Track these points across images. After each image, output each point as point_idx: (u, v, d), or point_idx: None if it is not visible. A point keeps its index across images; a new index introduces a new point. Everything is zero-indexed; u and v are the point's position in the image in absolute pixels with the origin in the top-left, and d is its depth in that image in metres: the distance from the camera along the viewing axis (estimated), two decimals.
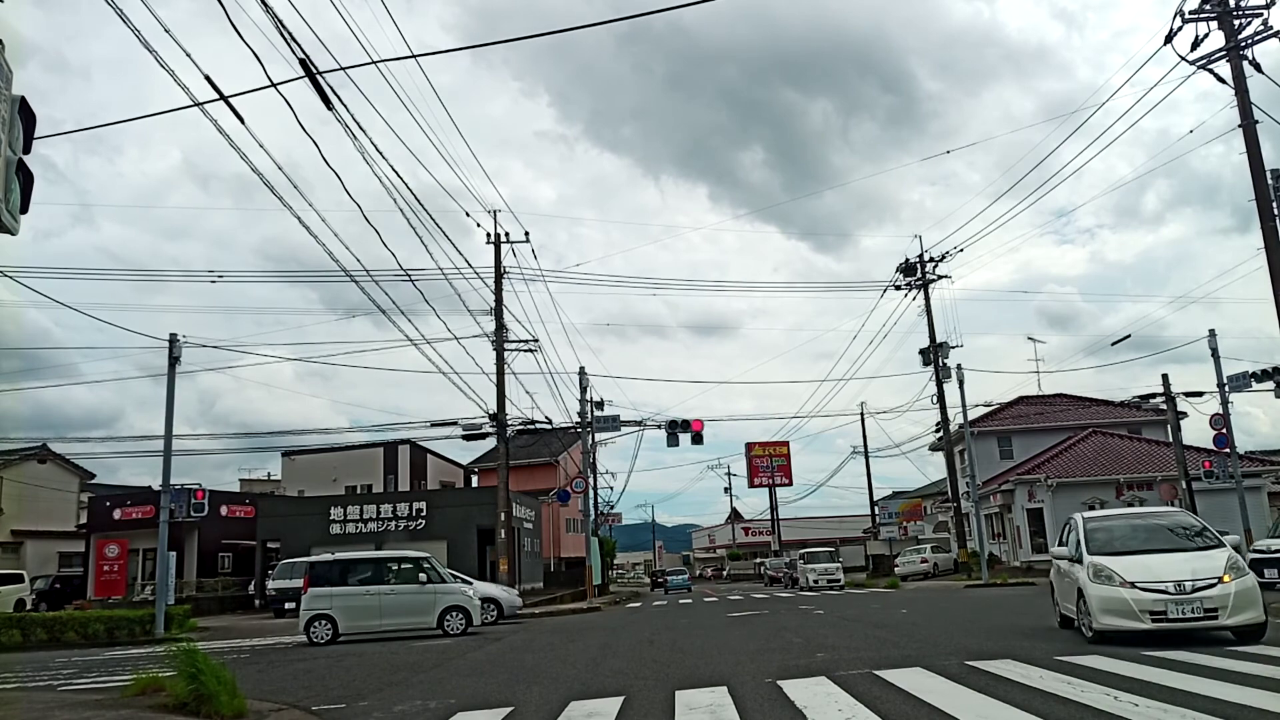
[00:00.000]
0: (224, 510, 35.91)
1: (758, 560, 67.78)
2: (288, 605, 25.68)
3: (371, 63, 11.36)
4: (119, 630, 19.32)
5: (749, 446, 64.17)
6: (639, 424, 34.35)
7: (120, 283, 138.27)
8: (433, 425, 30.26)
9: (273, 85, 10.43)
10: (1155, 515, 11.02)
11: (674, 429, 31.35)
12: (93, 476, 44.44)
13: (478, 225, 28.36)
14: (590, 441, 35.98)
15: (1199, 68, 17.41)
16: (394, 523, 32.71)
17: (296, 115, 11.24)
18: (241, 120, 10.77)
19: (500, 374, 27.80)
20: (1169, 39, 17.52)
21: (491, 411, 27.60)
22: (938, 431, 37.79)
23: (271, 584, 29.25)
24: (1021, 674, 7.39)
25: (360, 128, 14.56)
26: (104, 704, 8.03)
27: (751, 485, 65.04)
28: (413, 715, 7.33)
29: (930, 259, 34.93)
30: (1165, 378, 30.49)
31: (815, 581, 34.39)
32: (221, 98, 10.16)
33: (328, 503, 34.48)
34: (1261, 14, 17.02)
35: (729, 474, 74.72)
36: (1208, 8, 17.25)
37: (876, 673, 7.96)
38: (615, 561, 67.29)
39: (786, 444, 64.35)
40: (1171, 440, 32.69)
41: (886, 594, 27.06)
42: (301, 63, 10.44)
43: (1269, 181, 17.12)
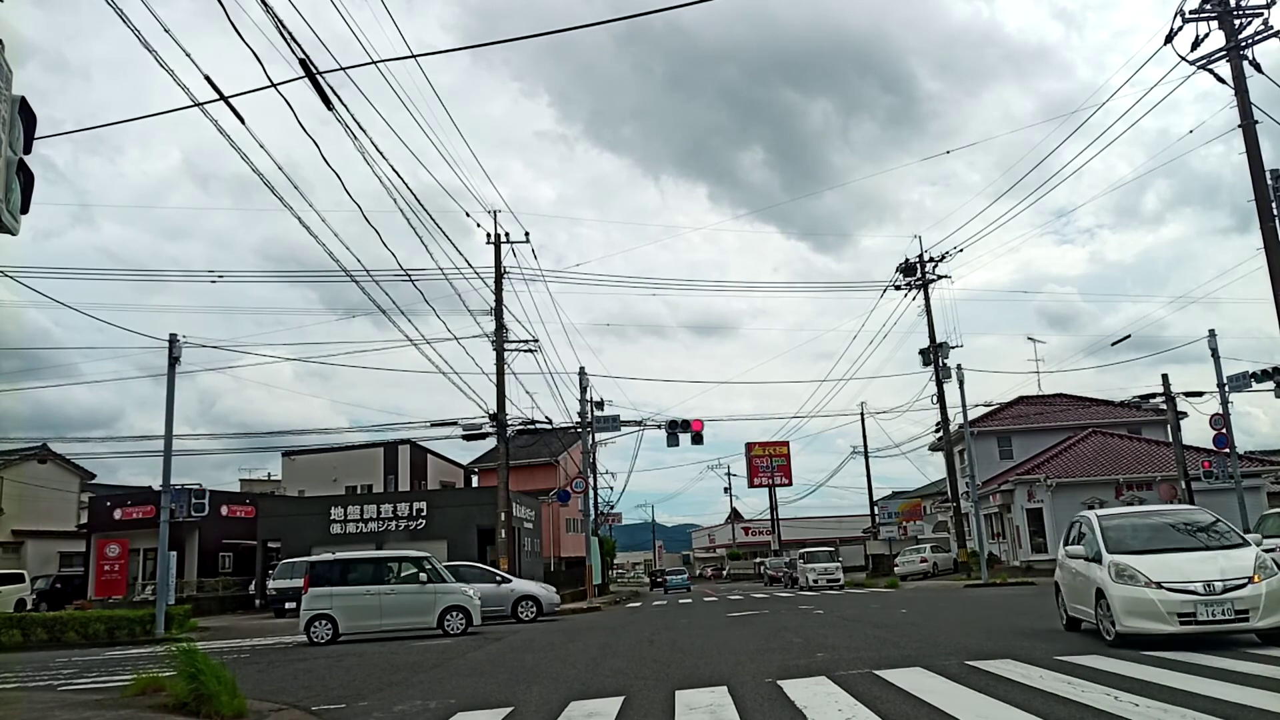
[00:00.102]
0: (224, 510, 35.92)
1: (758, 560, 67.80)
2: (288, 605, 25.69)
3: (371, 63, 11.37)
4: (119, 630, 19.33)
5: (749, 446, 64.21)
6: (639, 424, 34.40)
7: (120, 283, 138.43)
8: (433, 425, 30.32)
9: (273, 85, 10.44)
10: (1172, 513, 10.55)
11: (674, 429, 31.38)
12: (93, 476, 44.46)
13: (478, 225, 28.40)
14: (590, 441, 35.99)
15: (1199, 68, 17.42)
16: (394, 523, 32.72)
17: (296, 115, 11.25)
18: (241, 120, 10.78)
19: (500, 374, 27.82)
20: (1169, 39, 17.53)
21: (491, 411, 27.62)
22: (937, 431, 37.80)
23: (272, 584, 29.27)
24: (1021, 674, 7.39)
25: (360, 128, 14.58)
26: (104, 704, 8.03)
27: (751, 485, 65.15)
28: (413, 715, 7.34)
29: (930, 259, 34.95)
30: (1165, 378, 30.53)
31: (815, 581, 34.40)
32: (221, 98, 10.17)
33: (328, 503, 34.48)
34: (1261, 14, 17.05)
35: (729, 474, 74.86)
36: (1208, 8, 17.27)
37: (876, 672, 7.96)
38: (615, 561, 67.28)
39: (786, 444, 64.44)
40: (1171, 440, 32.71)
41: (886, 594, 27.06)
42: (301, 63, 10.44)
43: (1269, 181, 17.15)
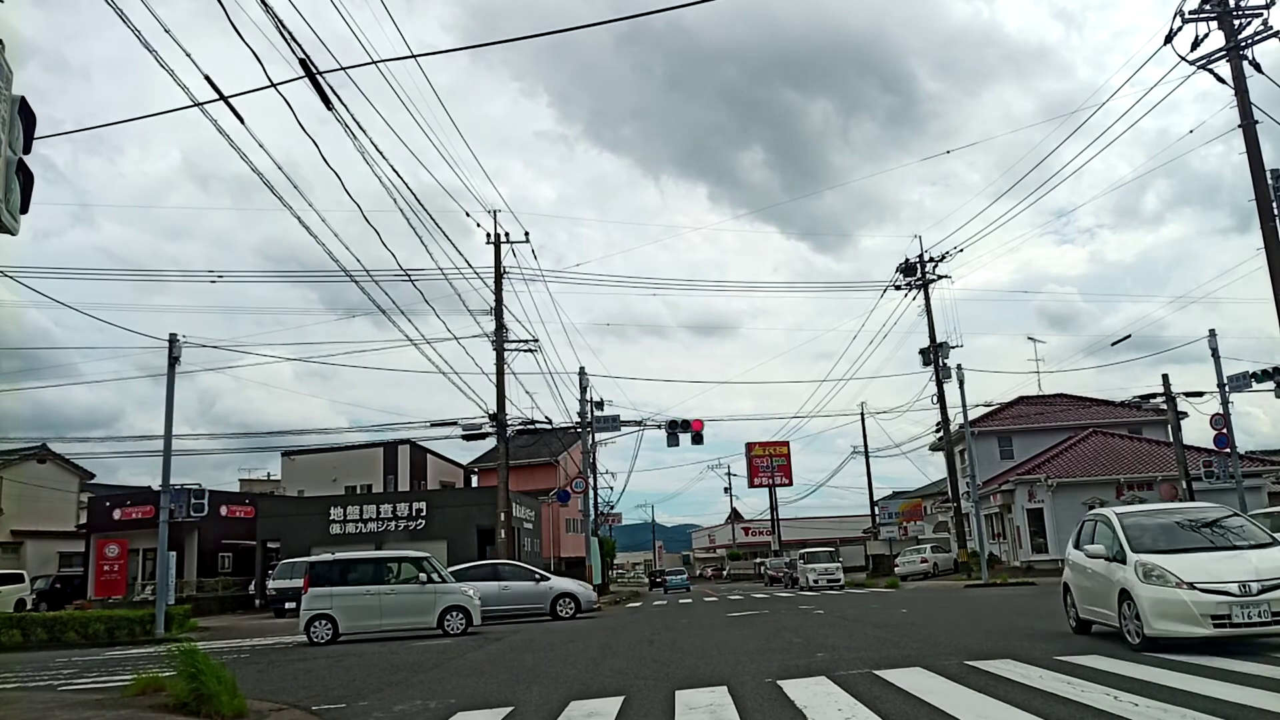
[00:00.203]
0: (224, 510, 35.91)
1: (758, 560, 67.80)
2: (288, 605, 25.70)
3: (371, 63, 11.37)
4: (119, 630, 19.32)
5: (749, 446, 64.23)
6: (639, 424, 34.41)
7: (120, 283, 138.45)
8: (433, 425, 30.34)
9: (273, 85, 10.44)
10: (1193, 511, 10.16)
11: (674, 429, 31.39)
12: (93, 476, 44.47)
13: (478, 225, 28.42)
14: (590, 441, 36.00)
15: (1199, 68, 17.43)
16: (394, 523, 32.74)
17: (296, 115, 11.25)
18: (241, 120, 10.78)
19: (500, 374, 27.82)
20: (1169, 39, 17.54)
21: (491, 411, 27.62)
22: (938, 431, 37.80)
23: (272, 584, 29.27)
24: (1021, 674, 7.39)
25: (360, 128, 14.59)
26: (104, 704, 8.03)
27: (751, 485, 65.20)
28: (413, 715, 7.33)
29: (930, 259, 34.97)
30: (1165, 378, 30.52)
31: (815, 581, 34.39)
32: (221, 98, 10.17)
33: (328, 503, 34.51)
34: (1261, 14, 17.07)
35: (729, 474, 74.90)
36: (1208, 8, 17.27)
37: (876, 672, 7.96)
38: (615, 561, 67.29)
39: (786, 444, 64.46)
40: (1172, 440, 32.71)
41: (886, 594, 27.05)
42: (301, 63, 10.44)
43: (1269, 181, 17.15)
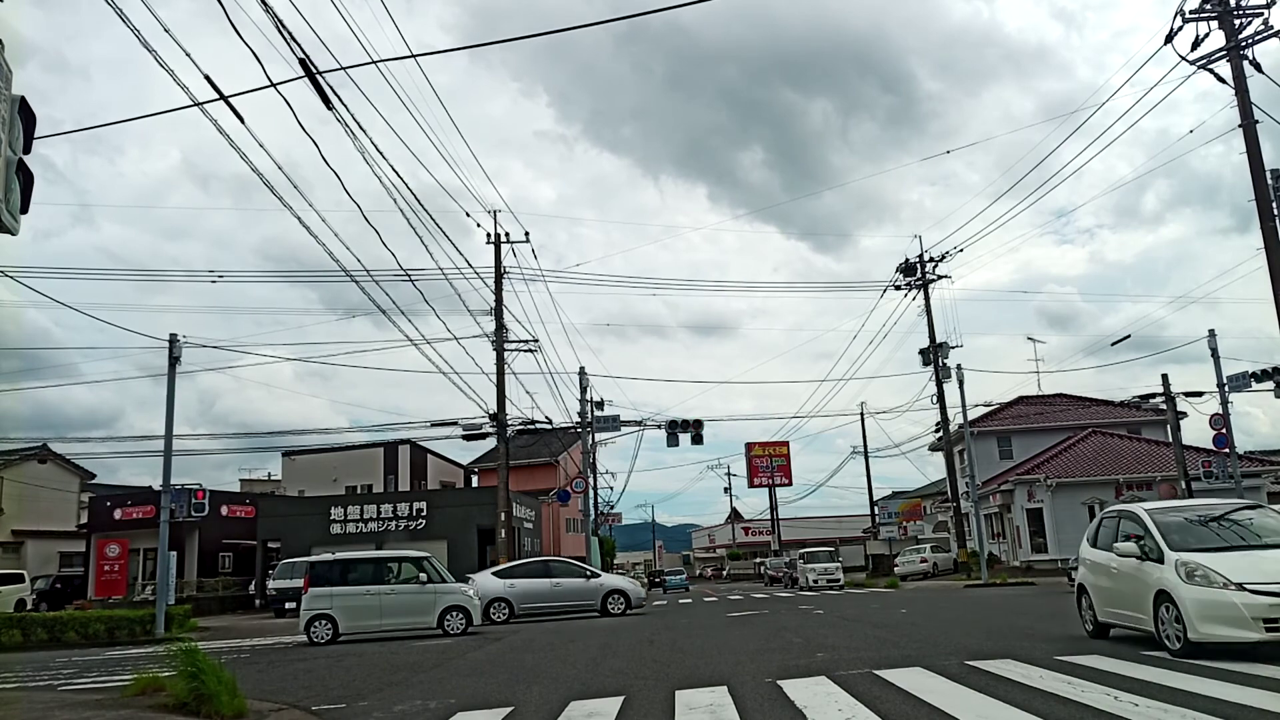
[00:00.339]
0: (224, 510, 35.92)
1: (758, 560, 67.81)
2: (288, 605, 25.71)
3: (371, 63, 11.38)
4: (119, 630, 19.33)
5: (749, 446, 64.19)
6: (639, 424, 34.44)
7: (120, 283, 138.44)
8: (433, 425, 30.36)
9: (272, 85, 10.45)
10: (1226, 507, 9.54)
11: (674, 429, 31.42)
12: (93, 476, 44.47)
13: (478, 225, 28.45)
14: (590, 441, 36.01)
15: (1199, 68, 17.43)
16: (394, 523, 32.75)
17: (296, 115, 11.25)
18: (241, 120, 10.79)
19: (500, 374, 27.83)
20: (1169, 39, 17.54)
21: (491, 411, 27.63)
22: (937, 431, 37.81)
23: (272, 584, 29.27)
24: (1022, 674, 7.39)
25: (360, 128, 14.59)
26: (104, 704, 8.03)
27: (751, 485, 65.12)
28: (413, 715, 7.33)
29: (930, 259, 34.99)
30: (1165, 378, 30.53)
31: (815, 581, 34.41)
32: (221, 98, 10.18)
33: (328, 503, 34.52)
34: (1261, 14, 17.07)
35: (729, 474, 74.90)
36: (1208, 8, 17.27)
37: (876, 672, 7.96)
38: (615, 561, 67.22)
39: (786, 444, 64.41)
40: (1171, 440, 32.72)
41: (886, 594, 27.06)
42: (301, 63, 10.45)
43: (1269, 181, 17.15)
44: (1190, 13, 17.37)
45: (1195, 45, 17.44)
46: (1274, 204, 17.02)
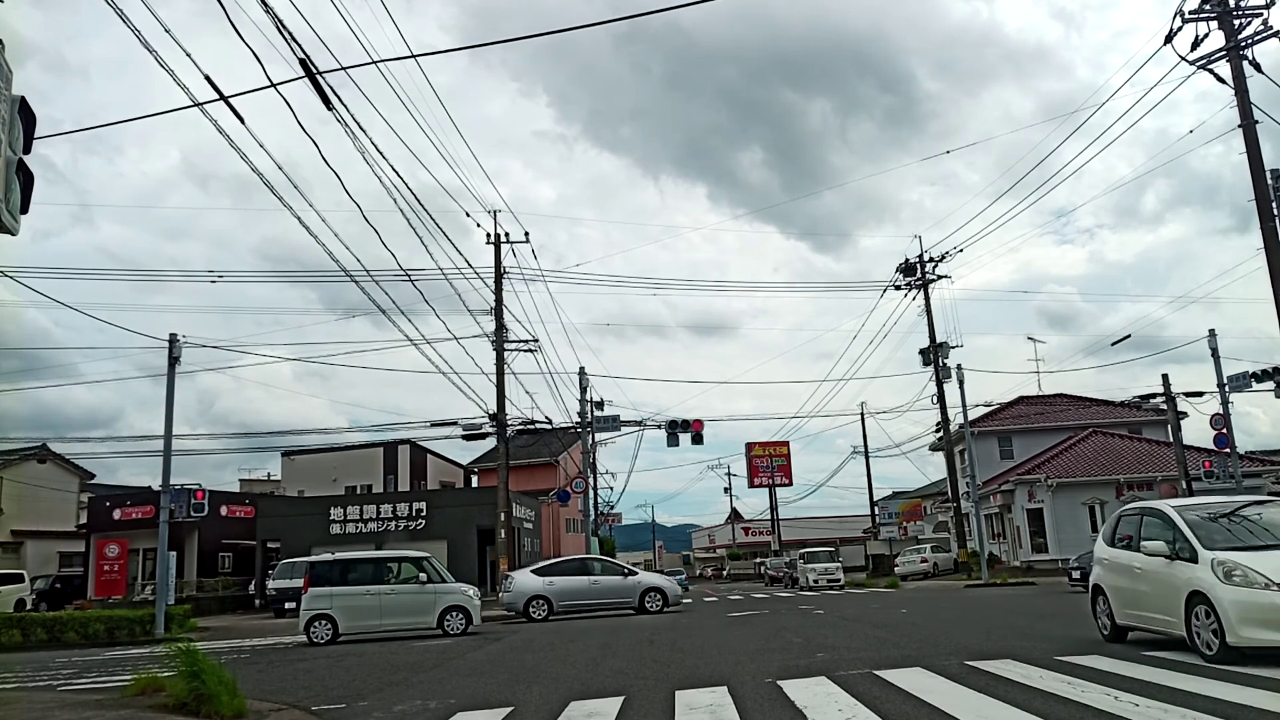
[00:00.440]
0: (224, 510, 35.91)
1: (758, 560, 67.79)
2: (288, 605, 25.70)
3: (371, 63, 11.38)
4: (119, 630, 19.33)
5: (749, 446, 64.16)
6: (639, 424, 34.41)
7: (120, 283, 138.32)
8: (433, 425, 30.38)
9: (273, 85, 10.45)
10: (1253, 502, 8.97)
11: (674, 429, 31.40)
12: (93, 476, 44.47)
13: (478, 225, 28.47)
14: (590, 441, 36.00)
15: (1199, 68, 17.44)
16: (394, 523, 32.76)
17: (296, 115, 11.26)
18: (241, 120, 10.79)
19: (500, 374, 27.84)
20: (1169, 39, 17.54)
21: (491, 411, 27.64)
22: (938, 431, 37.82)
23: (272, 584, 29.27)
24: (1022, 674, 7.39)
25: (360, 128, 14.58)
26: (104, 704, 8.03)
27: (751, 485, 65.06)
28: (413, 715, 7.33)
29: (930, 259, 35.00)
30: (1165, 378, 30.56)
31: (815, 581, 34.40)
32: (221, 98, 10.18)
33: (328, 503, 34.52)
34: (1261, 14, 17.07)
35: (729, 474, 74.82)
36: (1208, 8, 17.28)
37: (876, 673, 7.96)
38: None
39: (786, 444, 64.37)
40: (1172, 440, 32.73)
41: (886, 594, 27.06)
42: (301, 63, 10.45)
43: (1269, 181, 17.16)
44: (1190, 13, 17.38)
45: (1195, 45, 17.45)
46: (1274, 204, 17.03)
